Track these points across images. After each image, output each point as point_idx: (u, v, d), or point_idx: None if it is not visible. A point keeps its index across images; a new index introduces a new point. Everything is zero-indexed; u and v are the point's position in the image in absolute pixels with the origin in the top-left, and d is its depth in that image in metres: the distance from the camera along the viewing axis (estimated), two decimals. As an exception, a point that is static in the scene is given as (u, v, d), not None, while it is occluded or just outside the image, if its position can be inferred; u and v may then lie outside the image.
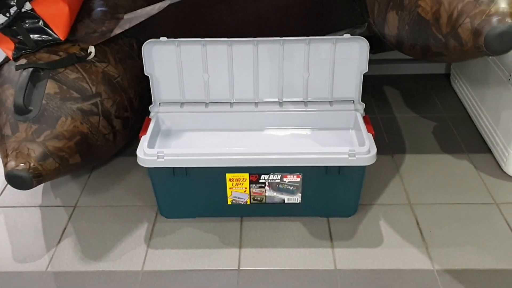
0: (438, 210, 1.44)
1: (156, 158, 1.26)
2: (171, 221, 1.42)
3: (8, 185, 1.56)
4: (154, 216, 1.44)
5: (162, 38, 1.35)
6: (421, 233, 1.36)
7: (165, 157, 1.26)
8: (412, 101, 1.99)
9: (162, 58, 1.38)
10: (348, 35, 1.34)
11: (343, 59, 1.38)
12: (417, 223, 1.40)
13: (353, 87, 1.42)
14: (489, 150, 1.68)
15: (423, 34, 1.13)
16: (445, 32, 1.08)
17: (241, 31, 1.55)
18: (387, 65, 2.15)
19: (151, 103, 1.44)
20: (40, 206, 1.49)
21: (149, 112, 1.46)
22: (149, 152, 1.26)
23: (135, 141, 1.40)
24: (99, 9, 1.57)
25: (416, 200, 1.48)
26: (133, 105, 1.50)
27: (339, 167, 1.28)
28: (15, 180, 1.23)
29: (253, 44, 1.37)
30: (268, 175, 1.31)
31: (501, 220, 1.40)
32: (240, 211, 1.40)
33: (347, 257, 1.29)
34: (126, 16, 1.53)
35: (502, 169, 1.58)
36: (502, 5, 0.98)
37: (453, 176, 1.57)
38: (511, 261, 1.27)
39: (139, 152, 1.28)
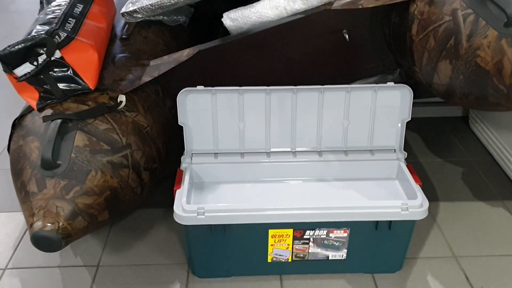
0: (485, 263, 1.37)
1: (196, 215, 1.17)
2: (205, 281, 1.31)
3: (22, 243, 1.44)
4: (186, 276, 1.34)
5: (198, 87, 1.29)
6: (473, 289, 1.29)
7: (205, 214, 1.17)
8: (433, 145, 1.95)
9: (197, 107, 1.31)
10: (391, 83, 1.30)
11: (385, 107, 1.33)
12: (467, 278, 1.33)
13: (394, 136, 1.37)
14: (523, 197, 1.63)
15: (481, 84, 1.10)
16: (509, 83, 1.04)
17: (270, 78, 1.50)
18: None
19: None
20: (59, 267, 1.37)
21: (179, 163, 1.38)
22: (188, 209, 1.17)
23: (155, 191, 1.31)
24: (121, 55, 1.50)
25: (460, 252, 1.42)
26: (161, 155, 1.41)
27: (390, 221, 1.21)
28: (43, 242, 1.12)
29: (292, 92, 1.31)
30: (313, 231, 1.23)
31: (551, 272, 1.34)
32: (280, 269, 1.31)
33: (400, 319, 1.20)
34: (152, 63, 1.47)
35: (541, 217, 1.53)
36: None
37: (492, 225, 1.52)
38: None
39: (177, 208, 1.19)
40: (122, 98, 1.30)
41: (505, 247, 1.43)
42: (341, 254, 1.28)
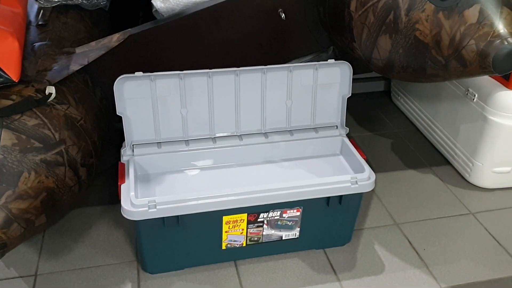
0: (424, 227, 1.45)
1: (147, 208, 1.10)
2: (157, 277, 1.26)
3: None
4: (136, 274, 1.27)
5: (136, 73, 1.20)
6: (417, 253, 1.36)
7: (157, 207, 1.11)
8: (361, 120, 2.02)
9: (135, 95, 1.23)
10: (332, 60, 1.31)
11: (325, 84, 1.35)
12: (410, 243, 1.40)
13: (335, 112, 1.39)
14: (447, 162, 1.75)
15: (420, 57, 1.14)
16: (447, 54, 1.09)
17: (208, 62, 1.45)
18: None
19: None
20: (-9, 281, 1.24)
21: (119, 156, 1.29)
22: (138, 203, 1.10)
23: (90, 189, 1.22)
24: (41, 43, 1.37)
25: (400, 219, 1.49)
26: (97, 149, 1.32)
27: (341, 196, 1.23)
28: (-25, 256, 1.00)
29: (235, 75, 1.28)
30: (267, 213, 1.22)
31: (482, 229, 1.45)
32: (235, 255, 1.29)
33: (357, 289, 1.24)
34: (78, 50, 1.35)
35: (466, 180, 1.65)
36: (505, 26, 1.01)
37: (425, 191, 1.61)
38: (504, 269, 1.31)
39: (125, 203, 1.11)
40: (51, 89, 1.19)
41: (439, 210, 1.53)
42: (294, 233, 1.28)
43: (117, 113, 1.23)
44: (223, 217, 1.19)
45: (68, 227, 1.41)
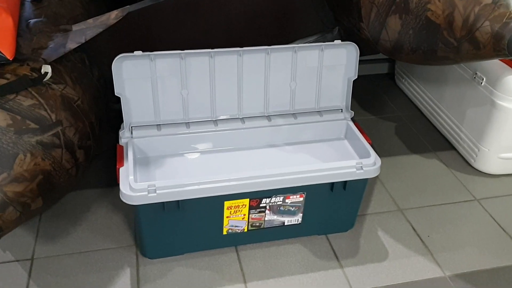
0: (428, 213, 1.43)
1: (147, 193, 1.07)
2: (157, 262, 1.23)
3: None
4: (135, 259, 1.24)
5: (136, 52, 1.16)
6: (421, 240, 1.34)
7: (157, 191, 1.08)
8: (364, 103, 1.98)
9: (134, 75, 1.19)
10: (338, 41, 1.27)
11: (331, 66, 1.30)
12: (414, 229, 1.37)
13: (340, 95, 1.35)
14: (452, 147, 1.72)
15: (431, 38, 1.10)
16: (459, 36, 1.04)
17: (209, 42, 1.41)
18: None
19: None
20: (-14, 265, 1.21)
21: (117, 138, 1.26)
22: (138, 187, 1.07)
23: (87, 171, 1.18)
24: (36, 19, 1.32)
25: (404, 205, 1.46)
26: (95, 131, 1.28)
27: (345, 182, 1.20)
28: (-31, 241, 0.96)
29: (238, 55, 1.23)
30: (270, 198, 1.19)
31: (487, 216, 1.43)
32: (236, 240, 1.26)
33: (359, 276, 1.22)
34: (75, 28, 1.30)
35: (471, 165, 1.62)
36: (522, 7, 0.97)
37: (429, 177, 1.58)
38: (510, 256, 1.29)
39: (124, 187, 1.08)
40: (47, 68, 1.14)
41: (444, 196, 1.50)
42: (297, 219, 1.25)
43: (115, 94, 1.19)
44: (225, 202, 1.16)
45: (65, 210, 1.38)
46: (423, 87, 1.89)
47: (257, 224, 1.24)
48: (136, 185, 1.07)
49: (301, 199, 1.21)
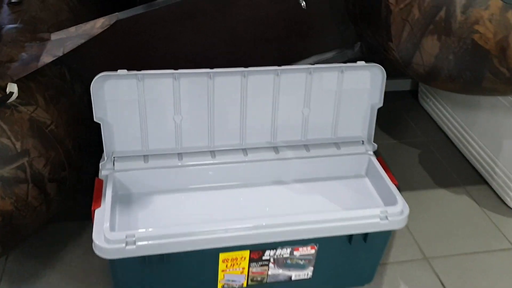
0: (457, 263, 1.23)
1: (124, 245, 0.88)
2: (138, 319, 1.04)
3: None
4: (113, 313, 1.05)
5: (120, 71, 0.97)
6: (451, 298, 1.14)
7: (136, 243, 0.88)
8: (384, 124, 1.78)
9: (119, 97, 1.00)
10: (362, 62, 1.07)
11: (352, 90, 1.11)
12: (442, 284, 1.17)
13: (361, 124, 1.15)
14: (484, 181, 1.51)
15: (477, 66, 0.89)
16: (516, 65, 0.84)
17: (210, 58, 1.22)
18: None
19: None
20: None
21: (97, 170, 1.07)
22: (113, 238, 0.88)
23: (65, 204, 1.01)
24: (11, 26, 1.13)
25: (430, 252, 1.26)
26: (72, 159, 1.09)
27: (366, 234, 1.00)
28: None
29: (242, 76, 1.04)
30: (274, 250, 0.99)
31: (527, 269, 1.22)
32: (233, 295, 1.07)
33: None
34: (54, 37, 1.11)
35: (506, 204, 1.43)
36: None
37: (458, 217, 1.38)
38: (558, 324, 1.09)
39: (97, 238, 0.89)
40: (12, 87, 0.96)
41: (476, 241, 1.30)
42: (306, 273, 1.06)
43: (95, 119, 1.00)
44: (220, 254, 0.96)
45: (38, 246, 1.20)
46: (451, 109, 1.68)
47: (259, 279, 1.04)
48: (111, 235, 0.88)
49: (313, 251, 1.02)
